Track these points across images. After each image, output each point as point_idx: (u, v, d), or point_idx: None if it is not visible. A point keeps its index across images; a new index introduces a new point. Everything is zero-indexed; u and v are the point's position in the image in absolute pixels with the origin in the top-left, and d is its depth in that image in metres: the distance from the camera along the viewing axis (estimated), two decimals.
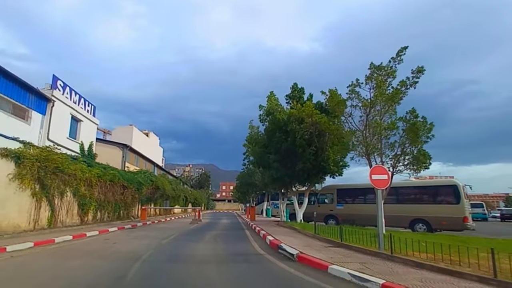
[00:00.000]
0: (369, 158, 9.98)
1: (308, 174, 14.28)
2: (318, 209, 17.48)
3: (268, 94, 16.21)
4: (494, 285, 4.33)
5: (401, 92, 10.07)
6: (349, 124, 11.02)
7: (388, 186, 10.08)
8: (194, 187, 69.84)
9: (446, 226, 13.07)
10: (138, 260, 6.74)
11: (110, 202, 18.69)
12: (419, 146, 9.45)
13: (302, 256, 6.56)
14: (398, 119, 10.27)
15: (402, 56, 9.81)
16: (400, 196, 14.68)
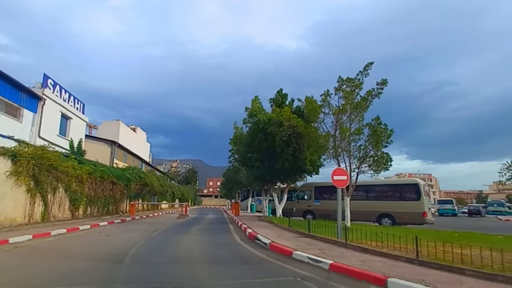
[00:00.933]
0: (338, 159, 11.21)
1: (287, 173, 15.50)
2: (297, 205, 18.76)
3: (253, 98, 17.23)
4: (416, 263, 5.57)
5: (368, 100, 11.31)
6: (322, 129, 12.21)
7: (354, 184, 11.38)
8: (181, 183, 70.32)
9: (408, 220, 14.55)
10: (131, 248, 7.71)
11: (99, 197, 19.34)
12: (380, 150, 10.73)
13: (273, 245, 7.71)
14: (365, 125, 11.50)
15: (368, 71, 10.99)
16: (369, 193, 16.12)
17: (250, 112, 16.39)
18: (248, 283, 4.76)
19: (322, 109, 11.74)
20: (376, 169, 10.75)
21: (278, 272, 5.48)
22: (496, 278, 4.59)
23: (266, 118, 14.52)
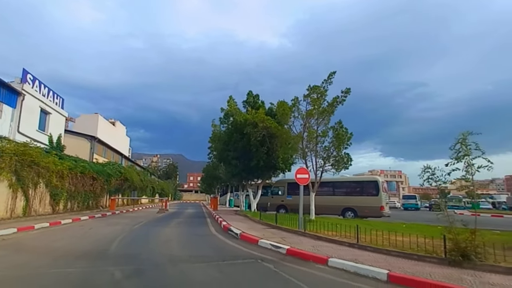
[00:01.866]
0: (305, 159, 12.37)
1: (261, 170, 16.56)
2: (271, 200, 19.92)
3: (228, 98, 18.04)
4: (355, 247, 6.76)
5: (334, 106, 12.50)
6: (292, 131, 13.31)
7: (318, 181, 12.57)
8: (161, 178, 70.04)
9: (368, 213, 16.03)
10: (115, 239, 8.47)
11: (80, 192, 19.59)
12: (341, 151, 11.99)
13: (243, 235, 8.73)
14: (330, 128, 12.71)
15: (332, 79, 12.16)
16: (335, 189, 17.54)
17: (227, 112, 17.24)
18: (217, 264, 5.73)
19: (292, 113, 12.82)
20: (337, 168, 11.99)
21: (243, 256, 6.48)
22: (412, 256, 5.83)
23: (242, 119, 15.44)
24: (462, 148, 5.41)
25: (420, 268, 5.19)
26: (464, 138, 5.42)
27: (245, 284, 4.60)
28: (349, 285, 4.53)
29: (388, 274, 4.71)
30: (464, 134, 5.46)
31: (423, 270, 5.06)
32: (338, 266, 5.42)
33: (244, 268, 5.58)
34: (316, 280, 4.70)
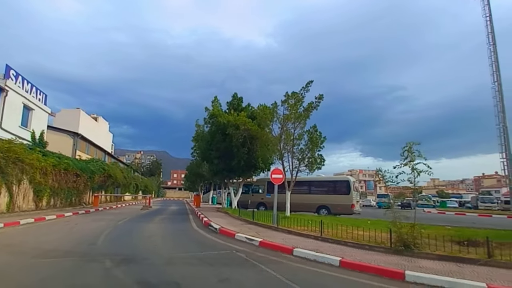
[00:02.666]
0: (282, 160, 13.24)
1: (242, 169, 17.30)
2: (252, 197, 20.71)
3: (212, 99, 18.62)
4: (319, 240, 7.63)
5: (309, 111, 13.40)
6: (272, 134, 14.12)
7: (293, 181, 13.45)
8: (144, 175, 69.37)
9: (340, 211, 17.11)
10: (101, 234, 8.97)
11: (63, 189, 19.66)
12: (315, 153, 12.93)
13: (222, 229, 9.46)
14: (305, 132, 13.61)
15: (309, 88, 13.05)
16: (311, 188, 18.56)
17: (211, 113, 17.84)
18: (196, 254, 6.43)
19: (272, 117, 13.62)
20: (311, 168, 12.92)
21: (220, 248, 7.21)
22: (364, 247, 6.75)
23: (225, 121, 16.10)
24: (408, 155, 6.35)
25: (369, 256, 6.10)
26: (410, 146, 6.38)
27: (220, 268, 5.32)
28: (307, 269, 5.36)
29: (340, 261, 5.57)
30: (409, 144, 6.41)
31: (371, 257, 5.96)
32: (301, 255, 6.25)
33: (220, 257, 6.31)
34: (279, 266, 5.49)
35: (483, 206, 36.06)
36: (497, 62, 36.35)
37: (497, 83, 34.82)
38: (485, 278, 4.70)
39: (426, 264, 5.53)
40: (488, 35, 38.58)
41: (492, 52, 36.93)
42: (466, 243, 6.94)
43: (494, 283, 4.46)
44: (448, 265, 5.47)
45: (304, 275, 5.04)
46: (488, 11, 39.67)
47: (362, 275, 5.05)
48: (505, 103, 34.19)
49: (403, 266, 5.30)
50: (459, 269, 5.25)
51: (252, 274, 5.07)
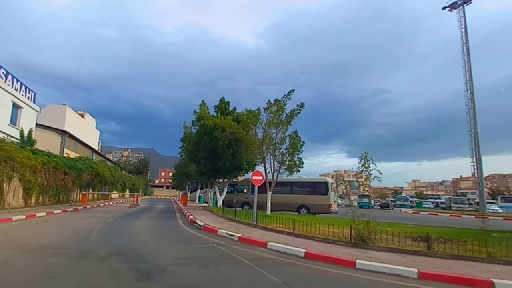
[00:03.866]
0: (264, 162, 14.12)
1: (227, 170, 18.14)
2: (237, 197, 21.54)
3: (200, 103, 19.37)
4: (292, 235, 8.55)
5: (291, 117, 14.34)
6: (255, 137, 15.00)
7: (274, 181, 14.36)
8: (132, 173, 69.08)
9: (318, 210, 18.16)
10: (93, 230, 9.61)
11: (52, 187, 19.94)
12: (295, 156, 13.91)
13: (206, 226, 10.27)
14: (287, 136, 14.54)
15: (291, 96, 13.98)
16: (292, 188, 19.58)
17: (198, 116, 18.58)
18: (181, 247, 7.23)
19: (255, 122, 14.51)
20: (290, 170, 13.90)
21: (203, 242, 8.02)
22: (329, 241, 7.70)
23: (212, 123, 16.87)
24: (364, 162, 7.34)
25: (331, 248, 7.04)
26: (366, 155, 7.37)
27: (202, 258, 6.15)
28: (276, 259, 6.25)
29: (305, 252, 6.49)
30: (365, 152, 7.41)
31: (332, 250, 6.90)
32: (273, 248, 7.14)
33: (203, 249, 7.13)
34: (253, 257, 6.35)
35: (456, 206, 38.11)
36: (470, 72, 38.47)
37: (470, 92, 36.93)
38: (420, 265, 5.70)
39: (376, 255, 6.51)
40: (463, 46, 40.66)
41: (466, 62, 39.08)
42: (419, 239, 8.00)
43: (424, 269, 5.46)
44: (394, 256, 6.46)
45: (273, 264, 5.92)
46: (463, 23, 41.66)
47: (322, 264, 5.97)
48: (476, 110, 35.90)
49: (356, 256, 6.26)
50: (402, 258, 6.25)
51: (229, 262, 5.93)
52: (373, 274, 5.35)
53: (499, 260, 6.07)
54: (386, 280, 5.08)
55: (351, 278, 5.20)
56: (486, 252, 6.30)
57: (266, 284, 4.61)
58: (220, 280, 4.76)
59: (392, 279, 5.14)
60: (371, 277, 5.22)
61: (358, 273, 5.45)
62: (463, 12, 37.17)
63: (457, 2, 37.47)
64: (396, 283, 4.92)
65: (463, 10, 37.04)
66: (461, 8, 37.37)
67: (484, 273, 5.29)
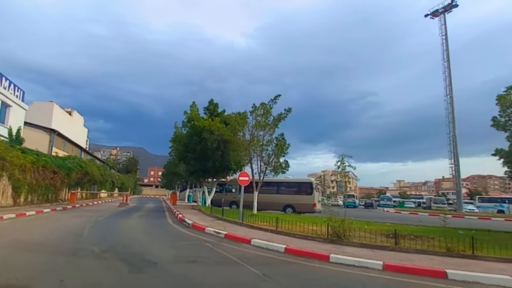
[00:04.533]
0: (251, 163, 14.66)
1: (216, 170, 18.61)
2: (225, 196, 21.99)
3: (191, 104, 19.77)
4: (275, 232, 9.11)
5: (278, 121, 14.92)
6: (243, 138, 15.52)
7: (261, 182, 14.91)
8: (121, 172, 68.48)
9: (303, 209, 18.83)
10: (85, 228, 9.93)
11: (40, 186, 19.92)
12: (279, 158, 14.51)
13: (194, 224, 10.73)
14: (274, 139, 15.11)
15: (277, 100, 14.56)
16: (279, 188, 20.21)
17: (189, 117, 18.97)
18: (171, 243, 7.69)
19: (243, 124, 15.03)
20: (275, 171, 14.50)
21: (192, 239, 8.49)
22: (308, 238, 8.29)
23: (201, 125, 17.29)
24: (341, 165, 7.97)
25: (310, 244, 7.63)
26: (343, 158, 8.00)
27: (189, 253, 6.62)
28: (258, 254, 6.79)
29: (285, 248, 7.05)
30: (342, 156, 8.04)
31: (310, 245, 7.49)
32: (256, 244, 7.67)
33: (191, 246, 7.61)
34: (237, 252, 6.87)
35: (435, 206, 39.62)
36: (450, 77, 40.12)
37: (449, 96, 38.52)
38: (386, 259, 6.33)
39: (349, 250, 7.13)
40: (443, 52, 42.33)
41: (446, 68, 40.75)
42: (391, 236, 8.67)
43: (389, 261, 6.09)
44: (365, 251, 7.10)
45: (254, 258, 6.46)
46: (444, 30, 43.36)
47: (300, 258, 6.54)
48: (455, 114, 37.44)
49: (330, 251, 6.85)
50: (371, 253, 6.88)
51: (214, 257, 6.43)
52: (344, 267, 5.96)
53: (456, 254, 6.78)
54: (355, 271, 5.68)
55: (324, 270, 5.78)
56: (445, 247, 7.00)
57: (248, 275, 5.13)
58: (205, 272, 5.27)
59: (360, 270, 5.75)
60: (342, 269, 5.82)
61: (331, 266, 6.05)
62: (444, 20, 38.81)
63: (438, 10, 39.08)
64: (363, 274, 5.53)
65: (444, 18, 38.65)
66: (442, 16, 38.98)
67: (440, 265, 5.96)
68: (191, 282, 4.61)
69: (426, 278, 5.41)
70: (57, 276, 4.46)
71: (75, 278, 4.46)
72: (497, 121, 10.30)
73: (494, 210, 36.43)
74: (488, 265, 6.16)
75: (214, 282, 4.67)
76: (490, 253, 6.78)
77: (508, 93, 10.02)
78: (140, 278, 4.69)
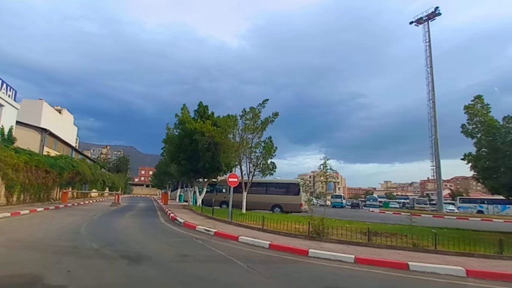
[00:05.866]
0: (240, 165, 15.28)
1: (206, 171, 19.17)
2: (216, 196, 22.54)
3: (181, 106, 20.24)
4: (261, 230, 9.75)
5: (266, 124, 15.59)
6: (233, 140, 16.15)
7: (249, 182, 15.54)
8: (111, 171, 68.00)
9: (291, 209, 19.55)
10: (81, 226, 10.37)
11: (33, 185, 20.04)
12: (268, 160, 15.21)
13: (186, 223, 11.28)
14: (262, 142, 15.78)
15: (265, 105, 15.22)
16: (267, 189, 20.92)
17: (180, 119, 19.45)
18: (165, 240, 8.24)
19: (233, 126, 15.67)
20: (263, 173, 15.17)
21: (183, 236, 9.07)
22: (291, 235, 8.98)
23: (192, 127, 17.81)
24: (323, 167, 8.69)
25: (292, 241, 8.31)
26: (325, 161, 8.73)
27: (182, 249, 7.20)
28: (244, 250, 7.43)
29: (269, 244, 7.71)
30: (324, 158, 8.77)
31: (292, 241, 8.17)
32: (243, 241, 8.30)
33: (183, 242, 8.20)
34: (225, 248, 7.48)
35: (418, 206, 41.09)
36: (432, 83, 41.59)
37: (432, 101, 39.95)
38: (358, 253, 7.06)
39: (327, 245, 7.84)
40: (426, 58, 43.87)
41: (429, 73, 42.21)
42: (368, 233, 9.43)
43: (361, 255, 6.82)
44: (341, 246, 7.81)
45: (241, 253, 7.08)
46: (428, 37, 44.87)
47: (282, 253, 7.21)
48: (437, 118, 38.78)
49: (310, 246, 7.54)
50: (347, 248, 7.60)
51: (204, 252, 7.03)
52: (320, 260, 6.65)
53: (421, 249, 7.57)
54: (329, 264, 6.38)
55: (302, 262, 6.47)
56: (412, 243, 7.78)
57: (234, 267, 5.76)
58: (196, 265, 5.89)
59: (334, 263, 6.45)
60: (318, 262, 6.51)
61: (309, 260, 6.74)
62: (428, 28, 40.27)
63: (422, 18, 40.53)
64: (336, 266, 6.23)
65: (428, 26, 40.11)
66: (426, 23, 40.43)
67: (405, 258, 6.71)
68: (183, 272, 5.21)
69: (391, 269, 6.14)
70: (63, 268, 4.99)
71: (80, 269, 4.99)
72: (466, 129, 11.20)
73: (473, 211, 37.98)
74: (447, 258, 6.95)
75: (203, 273, 5.29)
76: (451, 248, 7.59)
77: (475, 102, 10.91)
78: (139, 270, 5.26)
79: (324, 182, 8.89)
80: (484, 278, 5.72)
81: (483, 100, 11.08)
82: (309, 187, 40.39)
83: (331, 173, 8.77)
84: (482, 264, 6.49)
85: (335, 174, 46.08)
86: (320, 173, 8.94)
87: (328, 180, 8.79)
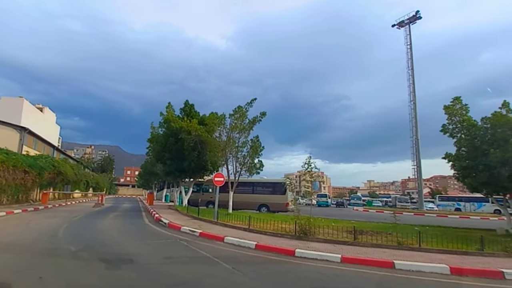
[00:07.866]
0: (227, 164, 15.02)
1: (192, 170, 18.74)
2: (202, 196, 22.15)
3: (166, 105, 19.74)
4: (247, 230, 9.55)
5: (253, 123, 15.38)
6: (220, 139, 15.86)
7: (236, 182, 15.31)
8: (96, 171, 66.06)
9: (277, 208, 19.43)
10: (60, 228, 9.84)
11: (10, 186, 19.04)
12: (255, 159, 15.01)
13: (170, 224, 10.92)
14: (249, 141, 15.57)
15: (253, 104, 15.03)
16: (254, 188, 20.72)
17: (165, 118, 18.95)
18: (147, 242, 7.89)
19: (220, 124, 15.39)
20: (250, 172, 14.97)
21: (167, 238, 8.73)
22: (277, 235, 8.81)
23: (178, 126, 17.38)
24: (307, 166, 8.57)
25: (278, 241, 8.14)
26: (309, 160, 8.62)
27: (165, 250, 6.89)
28: (230, 250, 7.19)
29: (256, 244, 7.51)
30: (308, 158, 8.66)
31: (279, 241, 8.00)
32: (229, 242, 8.07)
33: (167, 244, 7.87)
34: (211, 249, 7.23)
35: (400, 205, 41.94)
36: (413, 84, 42.59)
37: (413, 102, 40.88)
38: (345, 252, 6.96)
39: (314, 245, 7.72)
40: (408, 61, 44.98)
41: (410, 75, 43.26)
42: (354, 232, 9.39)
43: (347, 254, 6.72)
44: (328, 246, 7.71)
45: (226, 254, 6.85)
46: (409, 40, 45.96)
47: (268, 253, 7.02)
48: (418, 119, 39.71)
49: (296, 246, 7.39)
50: (333, 247, 7.50)
51: (189, 253, 6.75)
52: (307, 260, 6.51)
53: (405, 247, 7.57)
54: (316, 264, 6.24)
55: (289, 263, 6.31)
56: (397, 241, 7.78)
57: (219, 269, 5.53)
58: (179, 267, 5.61)
59: (321, 263, 6.32)
60: (305, 262, 6.37)
61: (296, 260, 6.58)
62: (409, 31, 41.27)
63: (404, 21, 41.52)
64: (323, 266, 6.10)
65: (409, 28, 41.10)
66: (407, 26, 41.43)
67: (390, 257, 6.67)
68: (166, 276, 4.93)
69: (377, 268, 6.06)
70: (35, 274, 4.61)
71: (54, 275, 4.63)
72: (446, 128, 11.39)
73: (452, 208, 39.12)
74: (431, 256, 6.96)
75: (187, 276, 5.02)
76: (434, 246, 7.63)
77: (454, 103, 11.11)
78: (117, 274, 4.94)
79: (310, 182, 8.77)
80: (468, 275, 5.74)
81: (461, 101, 11.29)
82: (295, 186, 40.73)
83: (316, 172, 8.66)
84: (464, 261, 6.53)
85: (320, 173, 46.91)
86: (305, 172, 8.82)
87: (314, 179, 8.67)
